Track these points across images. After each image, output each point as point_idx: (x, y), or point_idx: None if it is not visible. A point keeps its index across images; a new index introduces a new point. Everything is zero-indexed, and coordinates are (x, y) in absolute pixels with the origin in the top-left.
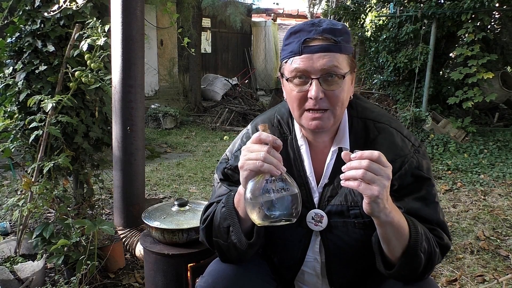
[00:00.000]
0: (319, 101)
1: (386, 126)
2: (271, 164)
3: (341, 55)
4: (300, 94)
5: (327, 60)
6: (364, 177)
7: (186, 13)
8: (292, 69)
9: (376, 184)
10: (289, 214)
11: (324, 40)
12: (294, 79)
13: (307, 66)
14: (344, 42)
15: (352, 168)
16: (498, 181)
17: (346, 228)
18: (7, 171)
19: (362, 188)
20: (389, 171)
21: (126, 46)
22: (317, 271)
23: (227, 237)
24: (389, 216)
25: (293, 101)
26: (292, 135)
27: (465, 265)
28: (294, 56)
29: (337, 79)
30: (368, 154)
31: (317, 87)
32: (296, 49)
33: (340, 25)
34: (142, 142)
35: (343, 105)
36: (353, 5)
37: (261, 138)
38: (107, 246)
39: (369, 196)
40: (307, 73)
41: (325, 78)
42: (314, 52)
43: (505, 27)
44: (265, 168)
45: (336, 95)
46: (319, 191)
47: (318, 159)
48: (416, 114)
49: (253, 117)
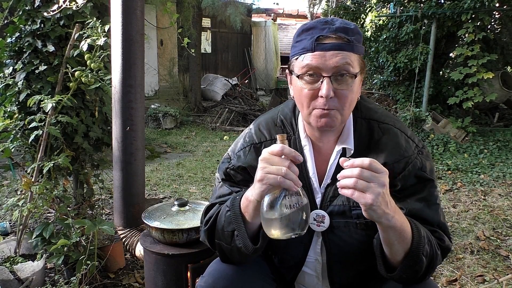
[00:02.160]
0: (329, 100)
1: (390, 126)
2: (292, 180)
3: (353, 54)
4: (310, 92)
5: (340, 58)
6: (355, 185)
7: (186, 13)
8: (303, 65)
9: (370, 192)
10: (302, 228)
11: (338, 38)
12: (305, 75)
13: (320, 63)
14: (357, 42)
15: (345, 176)
16: (498, 181)
17: (348, 229)
18: (7, 171)
19: (356, 197)
20: (383, 177)
21: (126, 46)
22: (318, 271)
23: (230, 241)
24: (391, 221)
25: (303, 99)
26: (295, 135)
27: (465, 265)
28: (306, 52)
29: (348, 78)
30: (359, 162)
31: (329, 86)
32: (308, 46)
33: (352, 25)
34: (142, 142)
35: (351, 106)
36: (353, 5)
37: (285, 153)
38: (107, 246)
39: (364, 204)
40: (319, 71)
41: (336, 77)
42: (327, 50)
43: (505, 27)
44: (285, 184)
45: (346, 95)
46: (322, 192)
47: (321, 160)
48: (416, 114)
49: (253, 117)
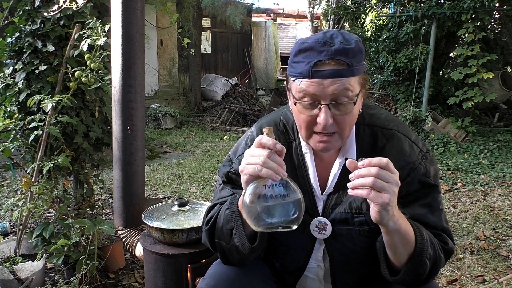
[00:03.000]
0: (328, 126)
1: (394, 132)
2: (271, 169)
3: (353, 77)
4: (308, 118)
5: (338, 85)
6: (374, 185)
7: (186, 13)
8: (300, 90)
9: (387, 192)
10: (289, 221)
11: (336, 63)
12: (302, 101)
13: (317, 91)
14: (357, 63)
15: (361, 176)
16: (498, 181)
17: (350, 236)
18: (7, 171)
19: (372, 197)
20: (397, 177)
21: (126, 46)
22: (320, 276)
23: (229, 240)
24: (396, 223)
25: (301, 123)
26: (296, 141)
27: (465, 265)
28: (303, 78)
29: (347, 103)
30: (377, 161)
31: (326, 114)
32: (305, 72)
33: (353, 43)
34: (142, 142)
35: (352, 125)
36: (353, 5)
37: (262, 142)
38: (107, 246)
39: (380, 204)
40: (316, 98)
41: (335, 104)
42: (325, 78)
43: (505, 27)
44: (263, 173)
45: (346, 120)
46: (324, 199)
47: (323, 167)
48: (416, 114)
49: (253, 117)
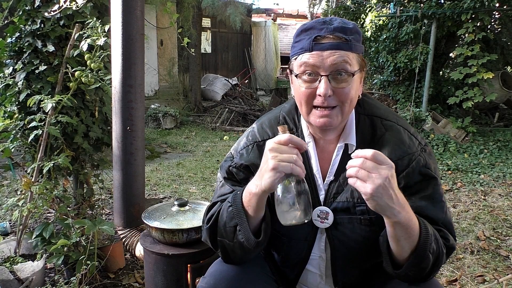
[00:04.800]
0: (328, 99)
1: (393, 123)
2: (300, 167)
3: (351, 53)
4: (308, 91)
5: (337, 57)
6: (357, 174)
7: (186, 13)
8: (301, 64)
9: (370, 182)
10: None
11: (335, 38)
12: (303, 75)
13: (317, 62)
14: (355, 41)
15: (350, 166)
16: (498, 181)
17: (352, 225)
18: (7, 171)
19: (357, 186)
20: (386, 170)
21: (126, 46)
22: (322, 270)
23: (233, 237)
24: (397, 216)
25: (301, 97)
26: (298, 132)
27: (465, 265)
28: (304, 52)
29: (346, 76)
30: (363, 152)
31: (326, 84)
32: (306, 46)
33: (351, 24)
34: (142, 142)
35: (351, 103)
36: (353, 5)
37: (293, 141)
38: (107, 246)
39: (364, 193)
40: (317, 69)
41: (334, 76)
42: (325, 50)
43: (505, 27)
44: (296, 171)
45: (345, 92)
46: (325, 188)
47: (324, 157)
48: (416, 114)
49: (253, 117)
